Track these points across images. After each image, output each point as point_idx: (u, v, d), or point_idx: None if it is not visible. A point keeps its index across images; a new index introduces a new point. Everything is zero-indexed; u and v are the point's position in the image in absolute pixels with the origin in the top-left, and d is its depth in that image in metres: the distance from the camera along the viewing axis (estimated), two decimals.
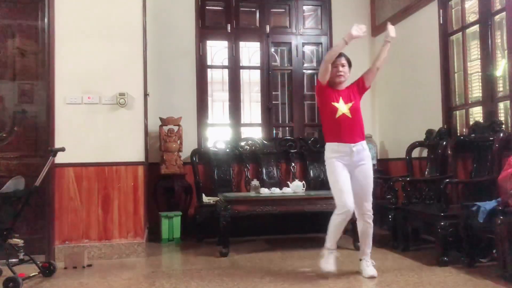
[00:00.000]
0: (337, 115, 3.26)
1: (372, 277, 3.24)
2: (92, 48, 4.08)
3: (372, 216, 3.32)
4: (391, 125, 5.76)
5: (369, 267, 3.29)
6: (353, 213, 3.25)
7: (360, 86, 3.41)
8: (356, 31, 3.20)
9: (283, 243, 4.65)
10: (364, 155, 3.30)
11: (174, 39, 5.52)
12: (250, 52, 6.68)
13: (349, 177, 3.27)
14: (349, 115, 3.26)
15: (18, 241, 3.27)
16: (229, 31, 5.78)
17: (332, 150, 3.31)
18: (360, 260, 3.36)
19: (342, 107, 3.27)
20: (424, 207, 4.08)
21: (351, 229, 4.21)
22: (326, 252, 3.29)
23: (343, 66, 3.36)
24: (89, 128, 4.05)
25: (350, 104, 3.28)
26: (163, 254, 4.38)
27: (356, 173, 3.29)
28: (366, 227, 3.32)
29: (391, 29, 3.39)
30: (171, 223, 4.88)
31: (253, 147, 5.46)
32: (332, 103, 3.29)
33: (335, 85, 3.37)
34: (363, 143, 3.32)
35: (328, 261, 3.26)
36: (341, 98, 3.30)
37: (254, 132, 5.95)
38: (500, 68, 4.07)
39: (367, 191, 3.30)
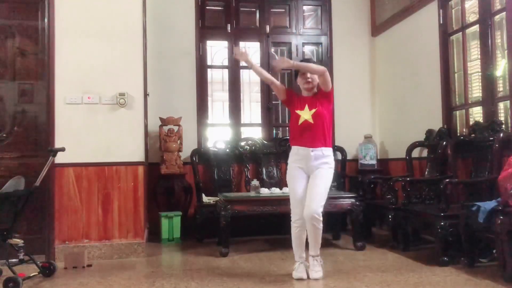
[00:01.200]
0: (300, 122, 3.31)
1: (316, 279, 3.23)
2: (92, 48, 4.09)
3: (321, 219, 3.21)
4: (391, 125, 5.76)
5: (313, 270, 3.28)
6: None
7: (322, 93, 3.38)
8: (237, 57, 3.45)
9: (283, 243, 4.64)
10: (322, 161, 3.27)
11: (174, 39, 5.52)
12: (250, 52, 6.67)
13: (305, 185, 3.30)
14: (311, 121, 3.28)
15: (18, 241, 3.27)
16: (229, 31, 5.78)
17: (292, 154, 3.38)
18: (313, 258, 3.31)
19: (305, 114, 3.30)
20: (424, 207, 4.08)
21: (350, 229, 4.20)
22: (296, 263, 3.32)
23: (307, 73, 3.35)
24: (89, 128, 4.05)
25: (313, 111, 3.29)
26: (163, 254, 4.38)
27: (311, 177, 3.31)
28: (313, 230, 3.23)
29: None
30: (171, 223, 4.88)
31: (253, 147, 5.46)
32: (296, 111, 3.35)
33: (306, 92, 3.41)
34: (324, 149, 3.29)
35: (297, 270, 3.29)
36: (306, 105, 3.33)
37: (254, 132, 5.95)
38: (500, 68, 4.07)
39: (315, 192, 3.22)
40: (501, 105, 4.07)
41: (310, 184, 3.29)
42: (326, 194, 3.28)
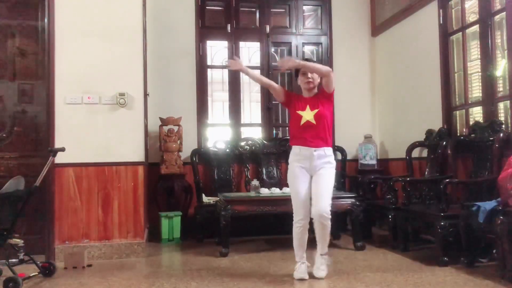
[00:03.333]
0: (302, 122, 3.30)
1: (320, 278, 3.25)
2: (92, 48, 4.09)
3: (329, 217, 3.23)
4: (391, 125, 5.75)
5: (318, 269, 3.30)
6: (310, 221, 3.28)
7: (324, 93, 3.37)
8: (231, 66, 3.46)
9: (283, 243, 4.64)
10: (325, 161, 3.29)
11: (174, 39, 5.52)
12: (250, 52, 6.69)
13: (308, 185, 3.29)
14: (313, 121, 3.27)
15: (18, 241, 3.27)
16: (229, 31, 5.78)
17: (294, 153, 3.36)
18: (321, 256, 3.34)
19: (307, 114, 3.29)
20: (424, 207, 4.08)
21: (350, 229, 4.20)
22: (296, 264, 3.32)
23: (312, 72, 3.34)
24: (89, 128, 4.06)
25: (315, 111, 3.29)
26: (163, 254, 4.38)
27: (315, 177, 3.30)
28: (321, 229, 3.25)
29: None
30: (171, 223, 4.88)
31: (253, 147, 5.46)
32: (297, 111, 3.33)
33: (306, 92, 3.41)
34: (326, 149, 3.30)
35: (298, 270, 3.29)
36: (308, 105, 3.32)
37: (254, 132, 5.95)
38: (500, 68, 4.06)
39: (321, 192, 3.24)
40: (501, 105, 4.07)
41: (315, 183, 3.28)
42: (332, 193, 3.30)
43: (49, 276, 3.45)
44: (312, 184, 3.30)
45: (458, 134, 4.55)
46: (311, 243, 3.37)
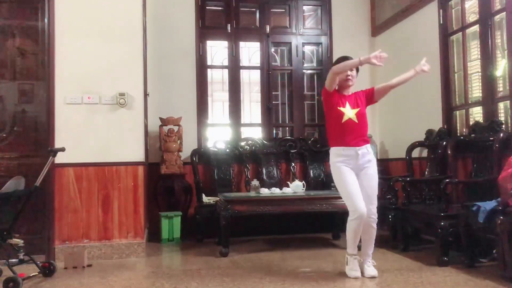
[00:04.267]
0: (343, 120, 3.28)
1: (372, 277, 3.25)
2: (92, 48, 4.08)
3: (377, 219, 3.33)
4: (391, 125, 5.76)
5: (370, 267, 3.31)
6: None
7: (368, 97, 3.41)
8: (376, 59, 3.17)
9: (283, 243, 4.65)
10: (369, 158, 3.32)
11: (174, 39, 5.52)
12: (250, 52, 6.68)
13: (357, 181, 3.28)
14: (355, 120, 3.28)
15: (18, 241, 3.27)
16: (229, 31, 5.78)
17: (337, 155, 3.33)
18: (361, 261, 3.36)
19: (349, 112, 3.29)
20: (424, 207, 4.08)
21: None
22: (350, 258, 3.31)
23: (351, 70, 3.35)
24: (89, 128, 4.05)
25: (356, 110, 3.30)
26: (163, 254, 4.38)
27: (361, 176, 3.30)
28: (371, 231, 3.32)
29: (424, 64, 3.43)
30: (171, 223, 4.88)
31: (253, 147, 5.46)
32: (339, 107, 3.30)
33: (342, 89, 3.39)
34: (368, 146, 3.34)
35: (353, 267, 3.29)
36: (347, 103, 3.32)
37: (254, 132, 5.95)
38: (500, 68, 4.07)
39: (372, 194, 3.30)
40: (501, 105, 4.07)
41: (364, 185, 3.28)
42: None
43: (49, 276, 3.44)
44: (360, 183, 3.29)
45: (458, 134, 4.55)
46: (312, 242, 3.36)
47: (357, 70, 3.43)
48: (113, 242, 4.06)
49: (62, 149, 3.56)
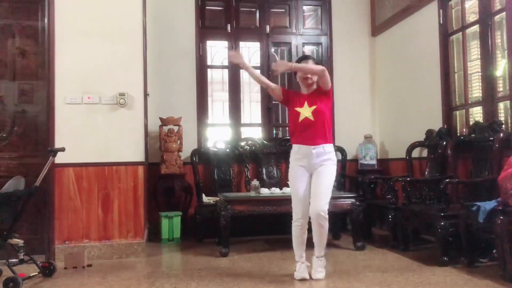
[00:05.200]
0: (300, 119, 3.28)
1: (318, 279, 3.22)
2: (92, 48, 4.09)
3: (327, 217, 3.22)
4: (391, 125, 5.76)
5: (317, 270, 3.27)
6: (309, 222, 3.27)
7: (322, 90, 3.36)
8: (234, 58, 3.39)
9: (283, 243, 4.64)
10: (324, 158, 3.26)
11: (174, 39, 5.52)
12: (250, 52, 6.68)
13: (307, 184, 3.27)
14: (311, 118, 3.25)
15: (18, 241, 3.27)
16: (229, 31, 5.78)
17: (294, 152, 3.35)
18: (318, 258, 3.31)
19: (305, 111, 3.27)
20: (424, 207, 4.08)
21: (350, 229, 4.20)
22: (296, 263, 3.30)
23: (306, 74, 3.32)
24: (89, 128, 4.05)
25: (313, 107, 3.26)
26: (163, 254, 4.38)
27: (314, 174, 3.28)
28: (319, 229, 3.23)
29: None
30: (171, 223, 4.88)
31: (253, 147, 5.46)
32: (295, 108, 3.32)
33: (303, 89, 3.39)
34: (326, 146, 3.27)
35: (299, 270, 3.27)
36: (306, 102, 3.30)
37: (254, 132, 5.95)
38: (500, 68, 4.06)
39: (320, 191, 3.21)
40: (501, 105, 4.07)
41: (314, 182, 3.26)
42: (331, 191, 3.26)
43: (49, 276, 3.44)
44: (312, 182, 3.28)
45: (458, 134, 4.55)
46: (312, 242, 3.36)
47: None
48: (113, 242, 4.06)
49: (62, 149, 3.56)
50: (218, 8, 5.86)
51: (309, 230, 3.32)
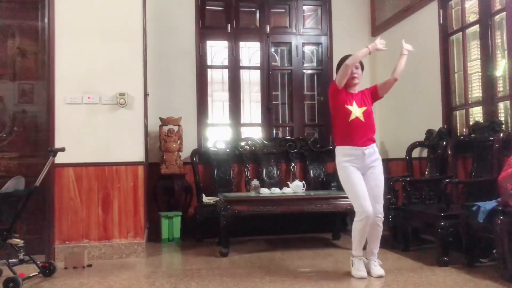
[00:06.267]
0: (351, 118, 3.27)
1: (380, 276, 3.24)
2: (92, 48, 4.09)
3: (383, 218, 3.32)
4: (391, 125, 5.75)
5: (376, 267, 3.30)
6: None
7: (373, 94, 3.42)
8: (381, 45, 3.28)
9: (283, 243, 4.65)
10: (375, 158, 3.33)
11: (174, 39, 5.52)
12: (250, 52, 6.67)
13: (363, 181, 3.28)
14: (362, 119, 3.28)
15: (18, 241, 3.27)
16: (229, 31, 5.78)
17: (343, 154, 3.31)
18: (367, 259, 3.34)
19: (356, 111, 3.29)
20: (424, 207, 4.08)
21: (350, 229, 4.19)
22: (355, 259, 3.30)
23: (357, 68, 3.35)
24: (89, 128, 4.05)
25: (364, 108, 3.31)
26: (163, 254, 4.38)
27: (368, 176, 3.30)
28: (377, 230, 3.30)
29: (406, 45, 3.43)
30: (171, 223, 4.88)
31: (253, 147, 5.46)
32: (346, 106, 3.29)
33: (348, 88, 3.38)
34: (374, 146, 3.36)
35: (359, 268, 3.28)
36: (354, 101, 3.32)
37: (254, 132, 5.95)
38: (500, 68, 4.06)
39: (378, 194, 3.30)
40: (501, 105, 4.07)
41: (371, 184, 3.28)
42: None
43: (49, 276, 3.44)
44: (367, 183, 3.28)
45: (458, 134, 4.55)
46: (312, 242, 3.36)
47: (362, 68, 3.42)
48: (113, 242, 4.06)
49: (62, 149, 3.56)
50: (218, 8, 5.85)
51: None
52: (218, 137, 5.65)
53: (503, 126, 3.85)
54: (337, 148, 3.38)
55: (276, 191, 4.45)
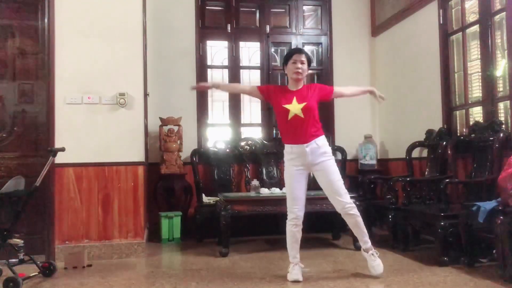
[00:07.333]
0: (289, 117, 3.19)
1: (378, 276, 3.23)
2: (92, 48, 4.09)
3: (355, 206, 3.26)
4: (391, 125, 5.76)
5: (373, 263, 3.26)
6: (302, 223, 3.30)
7: (324, 94, 3.32)
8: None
9: (283, 243, 4.61)
10: (319, 153, 3.20)
11: (174, 39, 5.52)
12: (250, 52, 6.68)
13: (303, 183, 3.25)
14: (301, 115, 3.17)
15: (18, 241, 3.27)
16: (229, 31, 5.78)
17: (287, 152, 3.30)
18: (366, 252, 3.31)
19: (294, 108, 3.18)
20: (424, 207, 4.08)
21: (350, 229, 4.19)
22: (290, 265, 3.29)
23: (302, 63, 3.24)
24: (89, 128, 4.05)
25: (303, 104, 3.18)
26: (163, 254, 4.38)
27: (317, 173, 3.25)
28: (352, 218, 3.25)
29: (381, 96, 3.46)
30: (171, 223, 4.88)
31: (253, 147, 5.46)
32: (283, 105, 3.21)
33: (291, 84, 3.31)
34: (318, 140, 3.21)
35: (292, 272, 3.24)
36: (294, 98, 3.21)
37: (254, 132, 5.95)
38: (500, 68, 4.07)
39: (336, 188, 3.22)
40: (501, 105, 4.07)
41: (323, 182, 3.24)
42: (343, 182, 3.27)
43: (49, 276, 3.44)
44: (319, 180, 3.25)
45: (458, 134, 4.55)
46: (312, 242, 3.36)
47: (309, 63, 3.32)
48: (113, 242, 4.06)
49: (62, 149, 3.56)
50: (218, 8, 5.85)
51: (304, 230, 3.34)
52: (218, 137, 5.65)
53: (503, 126, 3.85)
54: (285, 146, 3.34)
55: (276, 191, 4.45)
